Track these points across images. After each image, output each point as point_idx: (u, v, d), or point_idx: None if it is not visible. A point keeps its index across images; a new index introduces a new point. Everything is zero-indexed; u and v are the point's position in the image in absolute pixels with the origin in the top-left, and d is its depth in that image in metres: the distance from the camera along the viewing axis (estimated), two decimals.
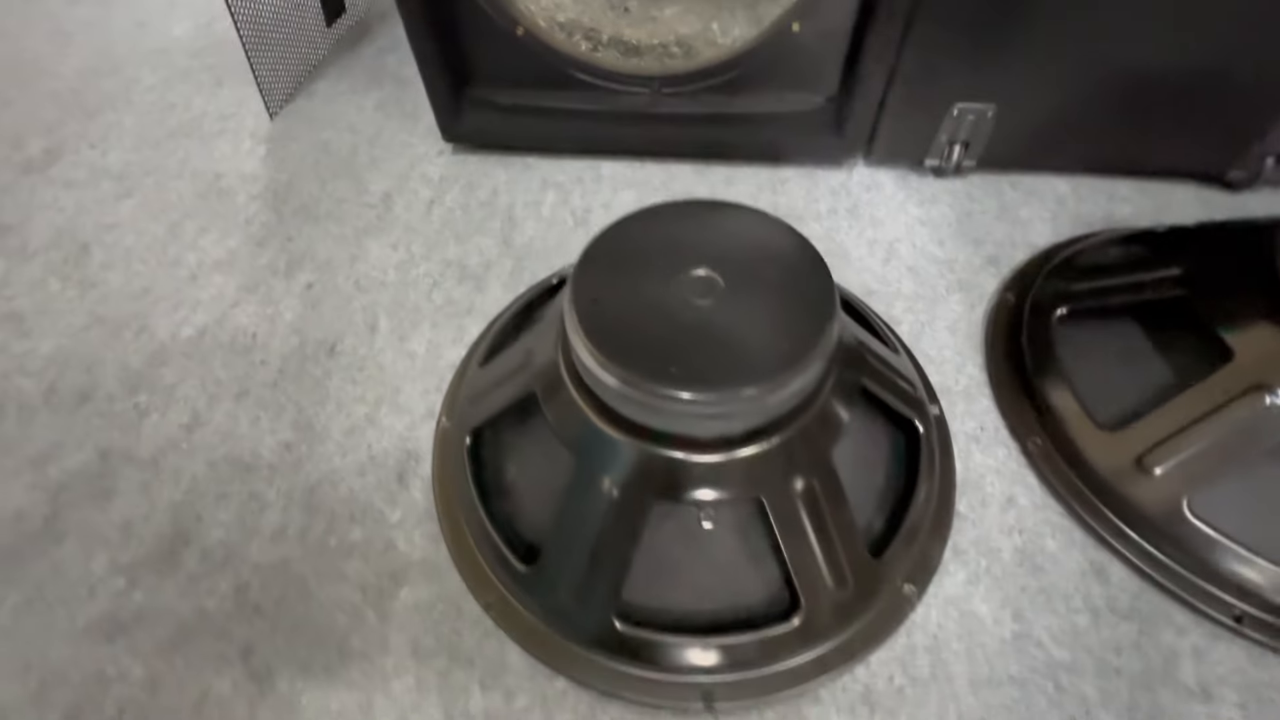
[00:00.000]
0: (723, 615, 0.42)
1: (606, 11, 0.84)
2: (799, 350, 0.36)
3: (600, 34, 0.79)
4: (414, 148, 0.82)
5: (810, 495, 0.40)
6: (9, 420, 0.58)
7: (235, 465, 0.54)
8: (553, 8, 0.81)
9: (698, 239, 0.43)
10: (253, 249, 0.71)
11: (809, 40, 0.67)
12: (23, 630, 0.46)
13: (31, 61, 0.99)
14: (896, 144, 0.73)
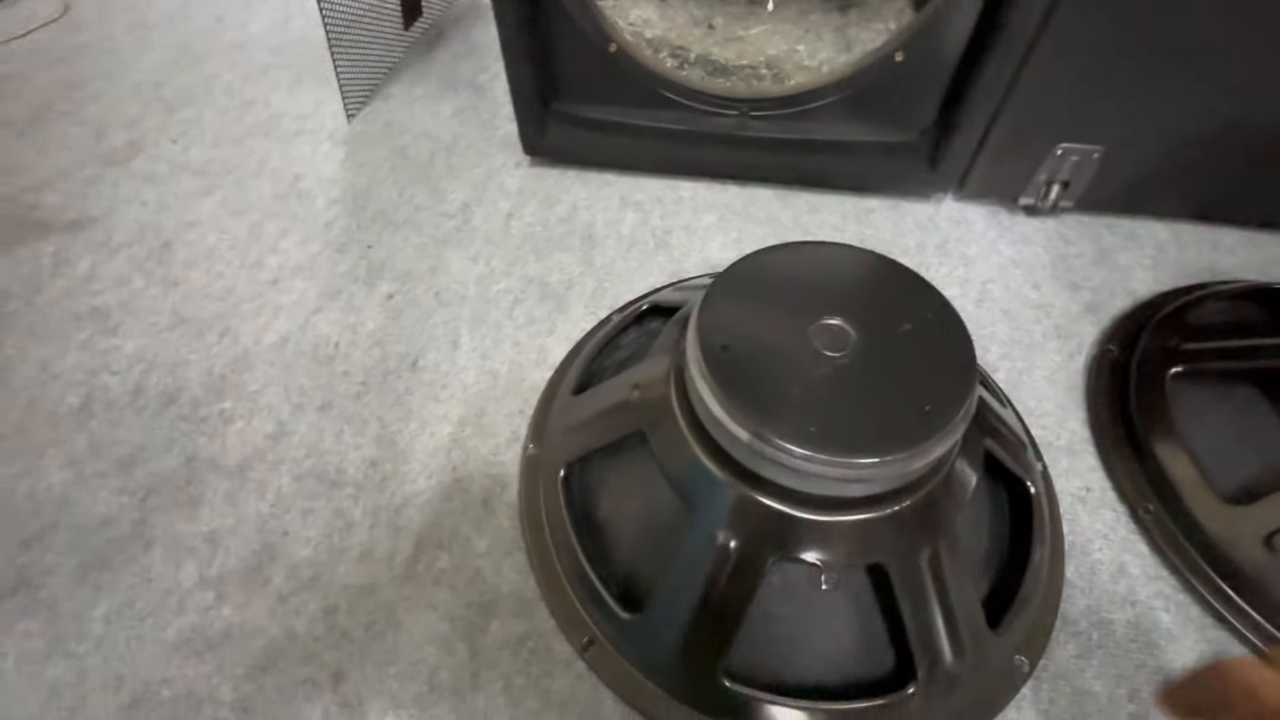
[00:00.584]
0: (831, 680, 0.40)
1: (692, 29, 0.83)
2: (940, 417, 0.34)
3: (688, 52, 0.78)
4: (491, 158, 0.82)
5: (935, 563, 0.38)
6: (96, 419, 0.58)
7: (321, 480, 0.54)
8: (641, 24, 0.80)
9: (823, 283, 0.41)
10: (333, 255, 0.71)
11: (912, 71, 0.65)
12: (114, 641, 0.46)
13: (113, 54, 1.00)
14: (991, 180, 0.71)
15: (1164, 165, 0.66)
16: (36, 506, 0.53)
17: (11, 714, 0.43)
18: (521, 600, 0.47)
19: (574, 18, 0.66)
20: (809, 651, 0.41)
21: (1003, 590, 0.43)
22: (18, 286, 0.69)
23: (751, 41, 0.80)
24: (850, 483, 0.35)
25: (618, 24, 0.74)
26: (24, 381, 0.61)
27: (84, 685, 0.44)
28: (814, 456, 0.33)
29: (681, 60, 0.77)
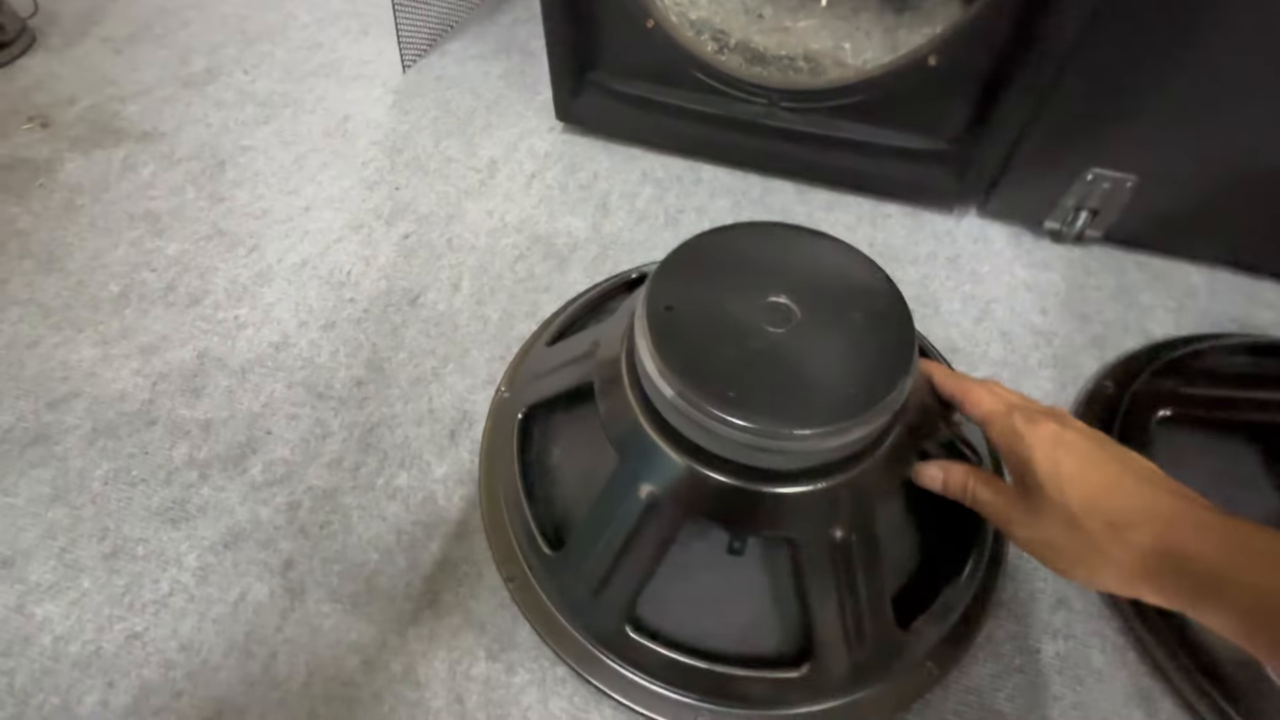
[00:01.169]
0: (734, 647, 0.41)
1: (740, 15, 0.83)
2: (865, 401, 0.35)
3: (729, 37, 0.79)
4: (527, 120, 0.84)
5: (844, 549, 0.38)
6: (130, 309, 0.64)
7: (309, 391, 0.58)
8: (687, 4, 0.81)
9: (784, 265, 0.42)
10: (363, 191, 0.75)
11: (943, 76, 0.63)
12: (108, 499, 0.51)
13: None
14: (1017, 199, 0.69)
15: (1204, 204, 0.62)
16: (67, 374, 0.59)
17: (14, 541, 0.49)
18: (465, 528, 0.50)
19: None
20: (719, 617, 0.42)
21: (926, 595, 0.43)
22: (89, 184, 0.76)
23: (796, 34, 0.80)
24: (761, 453, 0.36)
25: (663, 2, 0.75)
26: (77, 266, 0.68)
27: (76, 530, 0.50)
28: (729, 421, 0.34)
29: (721, 44, 0.78)
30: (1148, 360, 0.59)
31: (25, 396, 0.58)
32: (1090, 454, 0.31)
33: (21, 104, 0.87)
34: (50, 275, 0.67)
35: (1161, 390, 0.54)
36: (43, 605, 0.47)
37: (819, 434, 0.34)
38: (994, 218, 0.72)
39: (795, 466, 0.36)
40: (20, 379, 0.59)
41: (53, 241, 0.70)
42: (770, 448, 0.35)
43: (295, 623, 0.46)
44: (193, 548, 0.49)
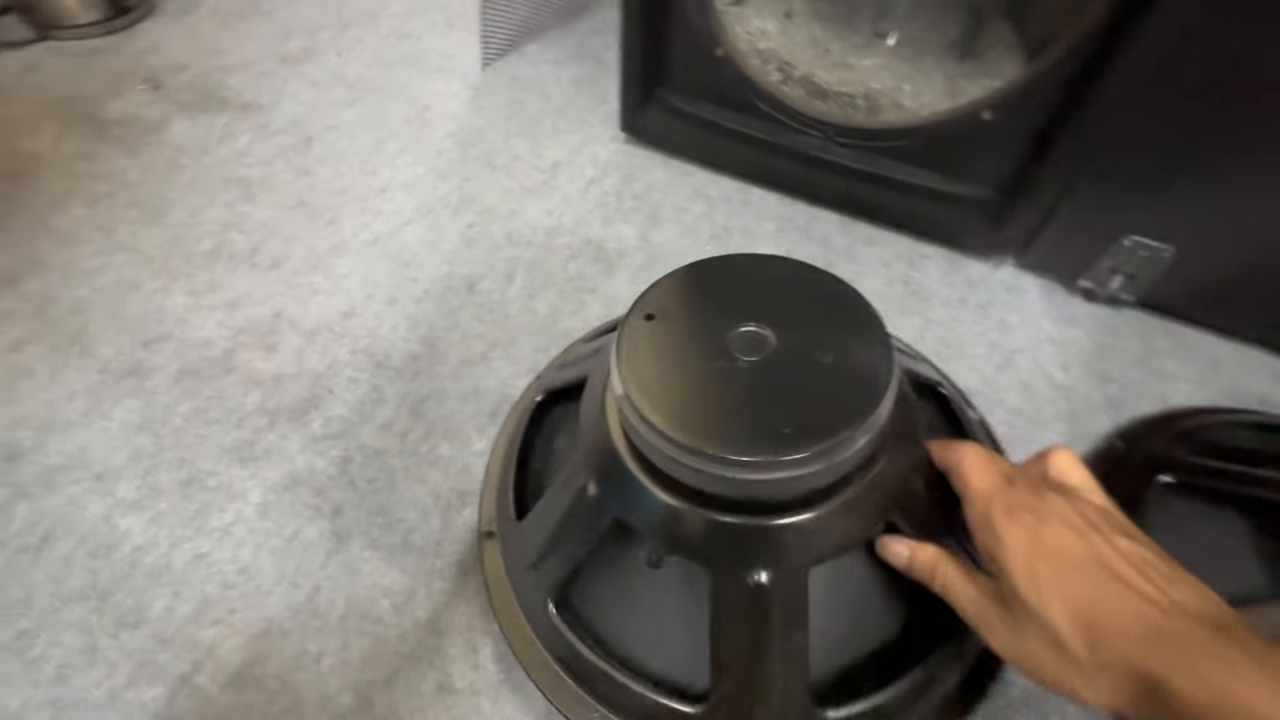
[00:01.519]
0: (645, 662, 0.40)
1: (807, 49, 0.86)
2: (792, 444, 0.31)
3: (794, 69, 0.82)
4: (592, 127, 0.89)
5: (762, 596, 0.34)
6: (220, 265, 0.71)
7: (370, 358, 0.64)
8: (758, 34, 0.84)
9: (779, 297, 0.40)
10: (434, 180, 0.81)
11: (995, 130, 0.66)
12: (186, 433, 0.58)
13: None
14: (1054, 255, 0.71)
15: (1240, 281, 0.64)
16: (161, 318, 0.66)
17: (106, 460, 0.56)
18: None
19: (690, 16, 0.72)
20: (636, 625, 0.41)
21: (870, 682, 0.38)
22: (191, 145, 0.84)
23: (859, 71, 0.83)
24: (684, 468, 0.34)
25: (734, 30, 0.79)
26: (176, 221, 0.75)
27: (158, 458, 0.56)
28: (661, 432, 0.33)
29: (786, 76, 0.82)
30: (1160, 425, 0.60)
31: (124, 333, 0.65)
32: (1073, 556, 0.27)
33: (138, 65, 0.95)
34: (153, 226, 0.74)
35: (1166, 456, 0.56)
36: (126, 518, 0.53)
37: (744, 462, 0.32)
38: (1029, 270, 0.74)
39: (726, 493, 0.34)
40: (121, 317, 0.66)
41: (156, 196, 0.77)
42: (691, 465, 0.33)
43: (338, 564, 0.51)
44: (256, 485, 0.55)
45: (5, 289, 0.68)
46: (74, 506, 0.54)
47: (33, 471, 0.55)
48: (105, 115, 0.87)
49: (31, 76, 0.93)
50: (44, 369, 0.62)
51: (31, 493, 0.54)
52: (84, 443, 0.57)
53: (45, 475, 0.55)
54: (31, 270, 0.69)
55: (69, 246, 0.72)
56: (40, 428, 0.58)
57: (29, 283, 0.68)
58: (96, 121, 0.86)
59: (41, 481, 0.55)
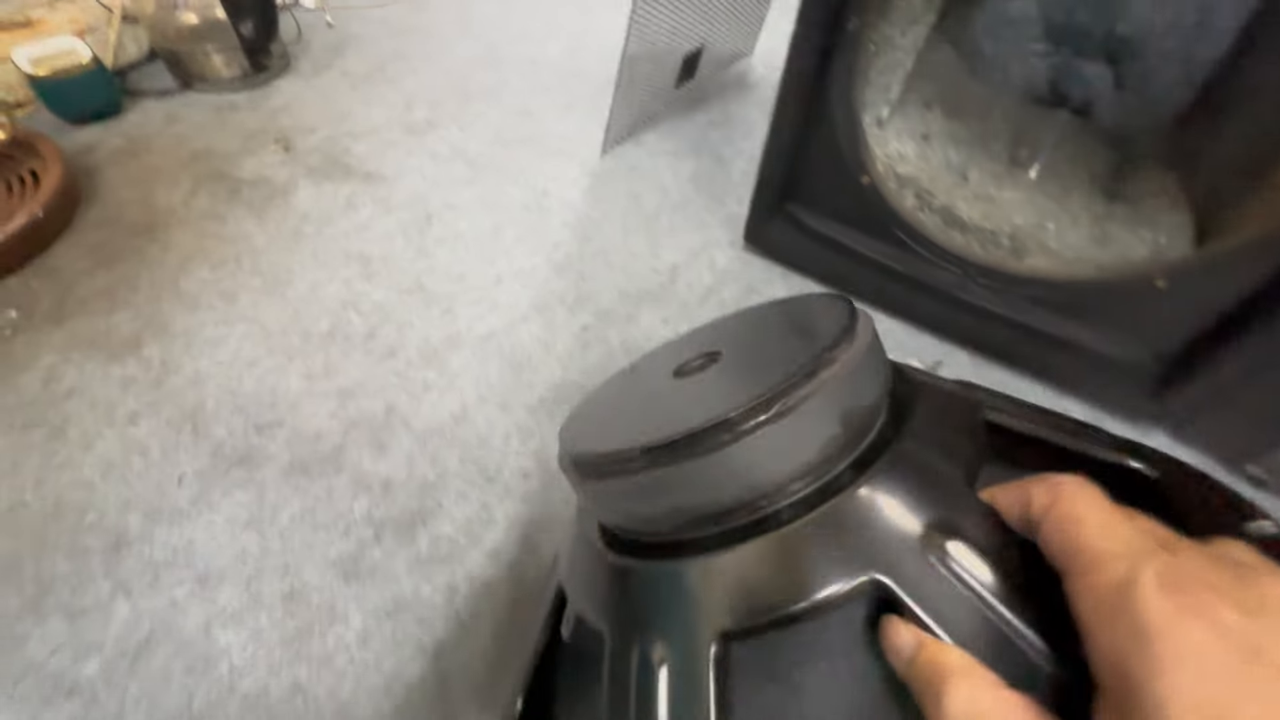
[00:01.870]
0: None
1: (944, 173, 0.83)
2: (706, 429, 0.23)
3: (932, 198, 0.79)
4: (710, 230, 0.87)
5: (647, 682, 0.24)
6: (335, 348, 0.70)
7: (481, 471, 0.61)
8: (896, 158, 0.82)
9: (750, 326, 0.34)
10: (551, 274, 0.80)
11: (1170, 302, 0.61)
12: (292, 537, 0.56)
13: (438, 39, 1.20)
14: (1220, 435, 0.65)
15: None
16: (275, 401, 0.65)
17: (209, 559, 0.54)
18: None
19: (841, 143, 0.70)
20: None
21: None
22: (316, 214, 0.85)
23: (1000, 205, 0.80)
24: (586, 488, 0.28)
25: (876, 155, 0.76)
26: (297, 294, 0.75)
27: (263, 562, 0.54)
28: (565, 449, 0.29)
29: (924, 204, 0.78)
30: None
31: (238, 413, 0.64)
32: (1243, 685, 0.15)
33: (270, 124, 0.98)
34: (274, 298, 0.74)
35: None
36: (226, 632, 0.51)
37: (620, 457, 0.25)
38: (1187, 443, 0.68)
39: (620, 521, 0.27)
40: (237, 394, 0.65)
41: (279, 265, 0.78)
42: (587, 475, 0.27)
43: (441, 715, 0.48)
44: (359, 608, 0.52)
45: (128, 353, 0.68)
46: (175, 610, 0.51)
47: (137, 565, 0.54)
48: (238, 174, 0.89)
49: (173, 127, 0.96)
50: (157, 446, 0.61)
51: (134, 589, 0.52)
52: (190, 536, 0.55)
53: (149, 570, 0.53)
54: (155, 335, 0.70)
55: (192, 312, 0.72)
56: (149, 514, 0.57)
57: (151, 347, 0.69)
58: (229, 180, 0.88)
59: (145, 577, 0.53)
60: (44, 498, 0.57)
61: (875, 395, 0.26)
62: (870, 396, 0.25)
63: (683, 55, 0.98)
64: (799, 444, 0.23)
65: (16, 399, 0.64)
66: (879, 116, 0.81)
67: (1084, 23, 0.86)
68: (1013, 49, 0.92)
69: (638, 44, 0.84)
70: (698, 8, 0.93)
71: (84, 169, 0.88)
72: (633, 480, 0.25)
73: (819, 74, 0.66)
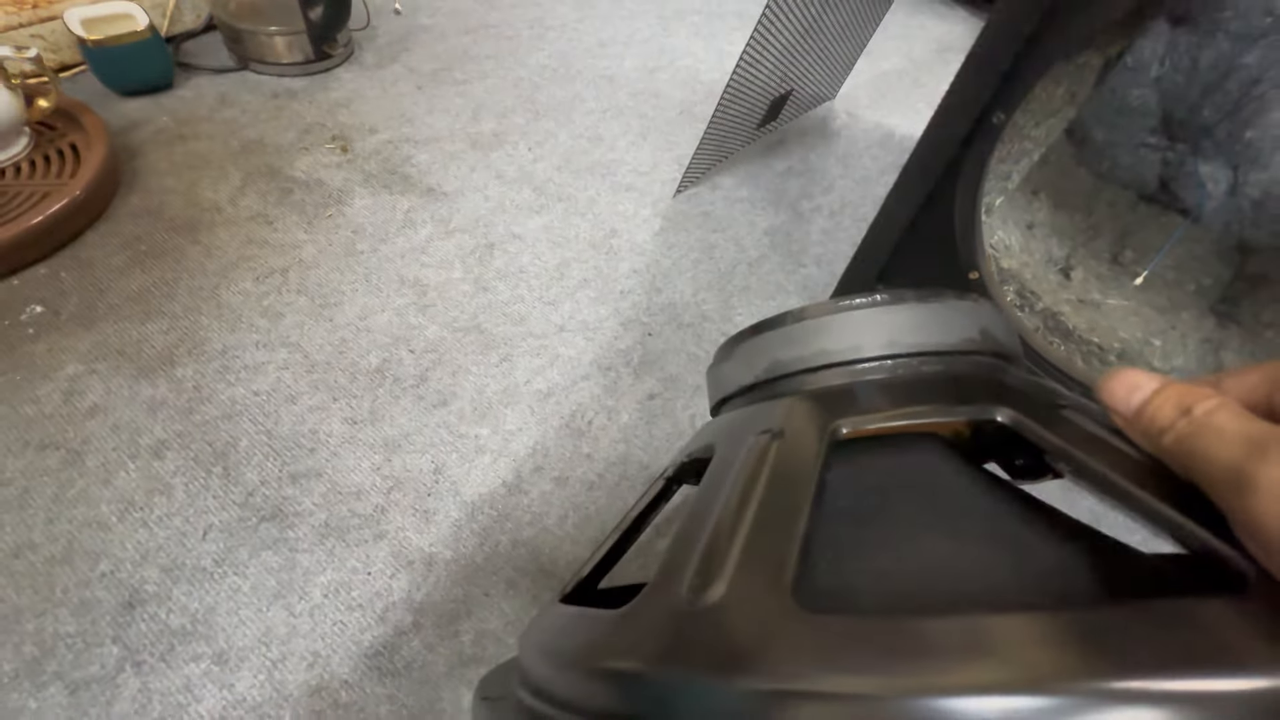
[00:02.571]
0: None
1: (1048, 271, 0.78)
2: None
3: (1036, 299, 0.74)
4: (786, 294, 0.82)
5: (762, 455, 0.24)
6: (383, 390, 0.64)
7: (533, 557, 0.56)
8: (1001, 250, 0.76)
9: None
10: (617, 327, 0.74)
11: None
12: (324, 616, 0.50)
13: (511, 40, 1.13)
14: None
15: None
16: (314, 446, 0.59)
17: (231, 635, 0.49)
18: None
19: (956, 233, 0.64)
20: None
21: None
22: (371, 228, 0.79)
23: (1106, 314, 0.74)
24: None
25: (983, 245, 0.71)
26: (346, 320, 0.69)
27: (289, 645, 0.49)
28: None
29: (1026, 304, 0.73)
30: None
31: (273, 457, 0.58)
32: None
33: (328, 119, 0.92)
34: (321, 322, 0.68)
35: None
36: None
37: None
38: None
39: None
40: (273, 435, 0.59)
41: (329, 284, 0.72)
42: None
43: None
44: (392, 714, 0.47)
45: (160, 370, 0.62)
46: (188, 695, 0.46)
47: (150, 631, 0.48)
48: (291, 172, 0.83)
49: (224, 110, 0.90)
50: (183, 487, 0.55)
51: (144, 661, 0.47)
52: (212, 603, 0.50)
53: (164, 639, 0.48)
54: (190, 352, 0.64)
55: (233, 330, 0.66)
56: (168, 569, 0.51)
57: (185, 366, 0.63)
58: (281, 178, 0.82)
59: (159, 647, 0.48)
60: (54, 538, 0.51)
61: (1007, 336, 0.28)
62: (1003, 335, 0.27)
63: (773, 98, 0.92)
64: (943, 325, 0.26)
65: (35, 410, 0.58)
66: (990, 204, 0.75)
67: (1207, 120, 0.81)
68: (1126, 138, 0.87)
69: (741, 81, 0.78)
70: (805, 52, 0.87)
71: (126, 148, 0.82)
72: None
73: (952, 161, 0.61)
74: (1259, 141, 0.79)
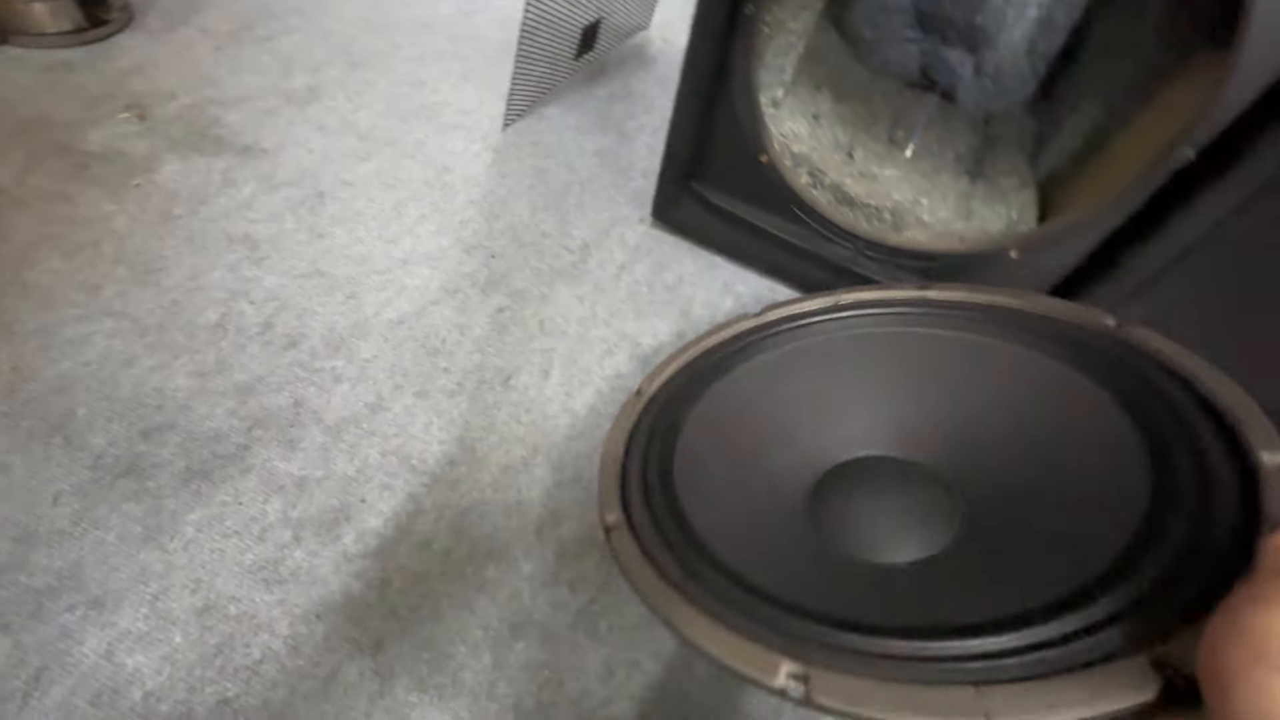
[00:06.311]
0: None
1: (834, 153, 0.89)
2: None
3: (824, 176, 0.85)
4: (619, 206, 0.88)
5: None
6: (228, 341, 0.65)
7: (403, 461, 0.60)
8: (791, 137, 0.86)
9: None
10: (460, 254, 0.78)
11: (1021, 270, 0.70)
12: (200, 548, 0.52)
13: None
14: None
15: None
16: (161, 403, 0.59)
17: (105, 580, 0.50)
18: (548, 631, 0.53)
19: (740, 121, 0.73)
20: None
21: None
22: (186, 193, 0.76)
23: (882, 182, 0.87)
24: None
25: (772, 133, 0.81)
26: (174, 284, 0.68)
27: (169, 578, 0.51)
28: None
29: (816, 181, 0.84)
30: None
31: (118, 420, 0.58)
32: None
33: (118, 89, 0.86)
34: (146, 289, 0.67)
35: None
36: (134, 655, 0.47)
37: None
38: None
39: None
40: (114, 399, 0.59)
41: (149, 251, 0.70)
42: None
43: (384, 709, 0.47)
44: (285, 614, 0.50)
45: None
46: (68, 639, 0.47)
47: (13, 596, 0.48)
48: (84, 146, 0.78)
49: None
50: (21, 463, 0.54)
51: (11, 623, 0.47)
52: (77, 558, 0.50)
53: (29, 599, 0.48)
54: (1, 336, 0.61)
55: (47, 308, 0.63)
56: (20, 538, 0.51)
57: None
58: (74, 153, 0.77)
59: (26, 608, 0.48)
60: None
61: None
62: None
63: (581, 26, 0.97)
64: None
65: None
66: (774, 97, 0.85)
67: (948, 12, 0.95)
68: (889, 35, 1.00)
69: (535, 13, 0.82)
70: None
71: None
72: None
73: (719, 56, 0.69)
74: (986, 25, 0.93)
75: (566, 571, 0.56)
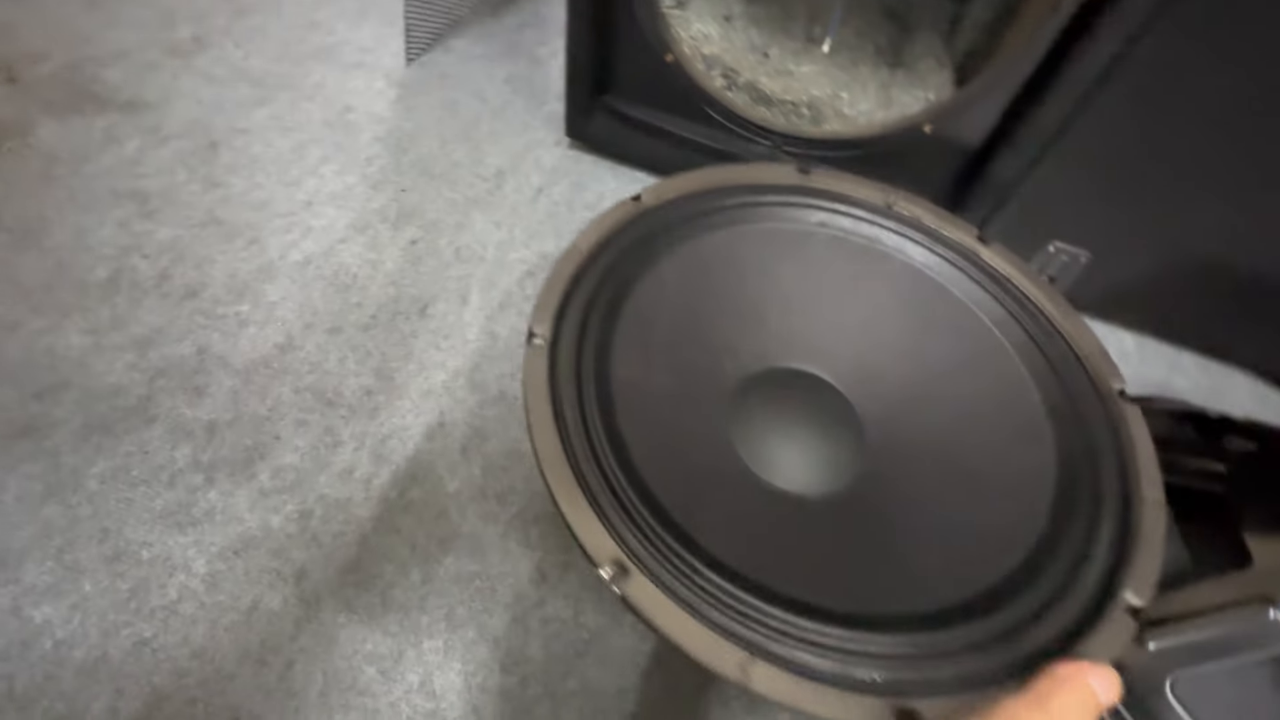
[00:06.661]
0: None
1: (747, 54, 0.87)
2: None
3: (738, 76, 0.82)
4: (533, 131, 0.85)
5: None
6: (121, 296, 0.62)
7: (318, 397, 0.58)
8: (701, 39, 0.84)
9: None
10: (367, 191, 0.75)
11: (936, 144, 0.69)
12: (106, 499, 0.51)
13: None
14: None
15: (1143, 281, 0.71)
16: (54, 363, 0.57)
17: (6, 540, 0.48)
18: (477, 543, 0.52)
19: (640, 23, 0.70)
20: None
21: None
22: (65, 153, 0.72)
23: (799, 79, 0.85)
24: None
25: (680, 35, 0.78)
26: (57, 244, 0.64)
27: (73, 531, 0.49)
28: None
29: (730, 82, 0.82)
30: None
31: (7, 384, 0.55)
32: None
33: None
34: (27, 252, 0.63)
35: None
36: (41, 608, 0.46)
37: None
38: None
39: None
40: (1, 364, 0.56)
41: (27, 214, 0.66)
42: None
43: (310, 633, 0.47)
44: (201, 553, 0.49)
45: None
46: None
47: None
48: None
49: None
50: None
51: None
52: None
53: None
54: None
55: None
56: None
57: None
58: None
59: None
60: None
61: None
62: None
63: None
64: None
65: None
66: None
67: None
68: None
69: None
70: None
71: None
72: None
73: None
74: None
75: (494, 485, 0.55)
